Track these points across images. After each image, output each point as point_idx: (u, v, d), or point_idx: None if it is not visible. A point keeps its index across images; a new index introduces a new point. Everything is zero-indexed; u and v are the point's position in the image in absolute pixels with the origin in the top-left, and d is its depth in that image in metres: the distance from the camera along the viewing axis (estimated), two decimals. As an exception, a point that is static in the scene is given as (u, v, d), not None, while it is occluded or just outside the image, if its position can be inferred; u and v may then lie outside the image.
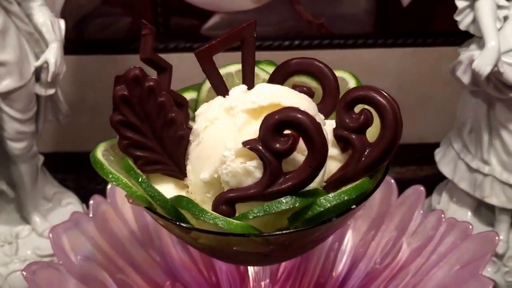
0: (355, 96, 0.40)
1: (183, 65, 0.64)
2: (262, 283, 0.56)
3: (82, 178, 0.91)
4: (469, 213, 0.75)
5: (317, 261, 0.68)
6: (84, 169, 0.94)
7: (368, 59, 0.94)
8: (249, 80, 0.43)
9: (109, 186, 0.68)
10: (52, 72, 0.64)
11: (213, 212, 0.35)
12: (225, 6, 0.88)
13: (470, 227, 0.60)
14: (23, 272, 0.56)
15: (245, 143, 0.36)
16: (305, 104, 0.38)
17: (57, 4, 0.86)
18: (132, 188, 0.37)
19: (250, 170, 0.36)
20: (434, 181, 0.85)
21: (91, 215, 0.64)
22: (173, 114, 0.38)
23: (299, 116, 0.35)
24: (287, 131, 0.35)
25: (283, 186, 0.35)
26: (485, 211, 0.74)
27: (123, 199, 0.67)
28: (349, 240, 0.68)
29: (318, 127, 0.35)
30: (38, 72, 0.65)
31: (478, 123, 0.68)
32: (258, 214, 0.35)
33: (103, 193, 0.66)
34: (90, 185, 0.91)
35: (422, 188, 0.65)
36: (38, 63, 0.64)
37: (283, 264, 0.69)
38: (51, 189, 0.77)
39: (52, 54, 0.64)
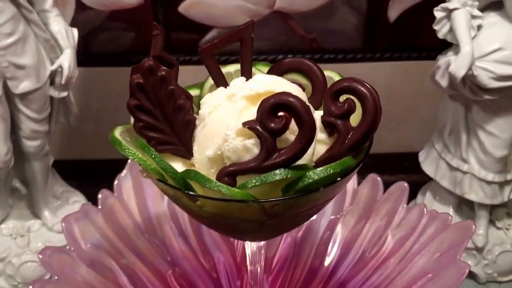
0: (340, 87, 0.45)
1: (183, 76, 0.69)
2: (258, 267, 0.61)
3: (85, 185, 0.93)
4: (451, 210, 0.80)
5: (309, 252, 0.73)
6: (87, 176, 0.98)
7: (357, 72, 0.96)
8: (247, 75, 0.49)
9: (116, 182, 0.73)
10: (65, 75, 0.69)
11: (217, 181, 0.41)
12: (222, 22, 0.92)
13: (449, 217, 0.65)
14: (39, 255, 0.61)
15: (244, 123, 0.41)
16: (296, 91, 0.44)
17: (65, 19, 0.92)
18: (146, 161, 0.42)
19: (249, 146, 0.42)
20: (420, 186, 0.89)
21: (99, 207, 0.69)
22: (181, 101, 0.44)
23: (291, 99, 0.41)
24: (280, 113, 0.41)
25: (278, 160, 0.41)
26: (466, 208, 0.79)
27: (129, 194, 0.72)
28: (339, 232, 0.73)
29: (307, 108, 0.41)
30: (52, 75, 0.71)
31: (457, 125, 0.74)
32: (255, 184, 0.41)
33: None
34: (94, 190, 0.96)
35: (405, 184, 0.70)
36: (54, 67, 0.69)
37: (277, 255, 0.73)
38: (60, 188, 0.81)
39: (66, 59, 0.69)
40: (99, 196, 0.69)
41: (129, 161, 0.73)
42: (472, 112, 0.71)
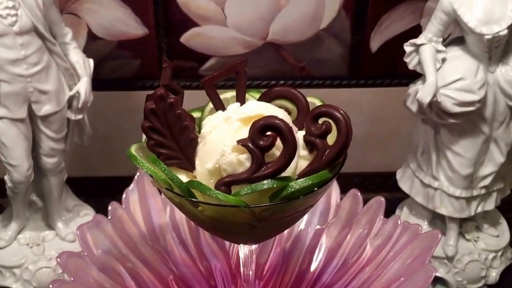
0: (319, 111, 0.53)
1: (184, 99, 0.76)
2: (250, 270, 0.68)
3: (91, 201, 0.96)
4: (425, 223, 0.87)
5: (296, 260, 0.79)
6: (94, 192, 1.05)
7: (344, 97, 1.04)
8: (241, 101, 0.57)
9: (124, 195, 0.80)
10: (82, 100, 0.78)
11: (215, 190, 0.49)
12: (220, 51, 0.99)
13: (420, 228, 0.73)
14: (57, 258, 0.68)
15: (239, 141, 0.50)
16: (282, 115, 0.52)
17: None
18: (157, 173, 0.51)
19: (242, 160, 0.50)
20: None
21: (109, 218, 0.76)
22: (186, 122, 0.52)
23: (277, 121, 0.49)
24: (268, 133, 0.49)
25: (265, 172, 0.49)
26: (439, 222, 0.87)
27: (135, 206, 0.80)
28: (324, 242, 0.79)
29: (290, 129, 0.49)
30: (70, 100, 0.79)
31: (428, 146, 0.82)
32: (247, 192, 0.49)
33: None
34: (100, 205, 1.01)
35: (382, 199, 0.77)
36: (72, 92, 0.78)
37: (268, 262, 0.80)
38: (72, 202, 0.89)
39: (83, 86, 0.78)
40: (109, 207, 0.76)
41: (135, 177, 0.80)
42: (440, 134, 0.79)
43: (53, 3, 0.75)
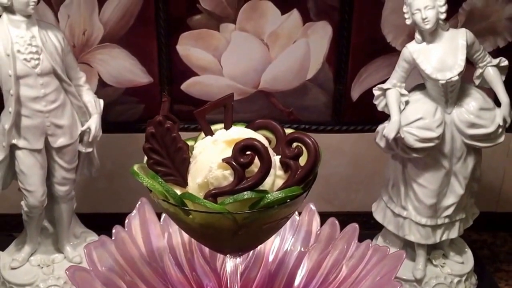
0: (292, 137, 0.64)
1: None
2: (235, 284, 0.76)
3: (98, 233, 1.01)
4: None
5: (281, 280, 0.87)
6: (101, 228, 1.12)
7: (328, 141, 1.12)
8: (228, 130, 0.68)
9: (126, 220, 0.89)
10: (92, 135, 0.88)
11: (204, 199, 0.59)
12: (217, 97, 1.02)
13: (388, 249, 0.81)
14: (66, 271, 0.77)
15: (223, 159, 0.60)
16: (260, 138, 0.62)
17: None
18: (155, 186, 0.60)
19: (226, 175, 0.60)
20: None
21: (113, 239, 0.85)
22: (180, 144, 0.62)
23: (255, 142, 0.59)
24: (248, 152, 0.59)
25: (246, 185, 0.59)
26: (409, 249, 0.95)
27: (137, 230, 0.88)
28: (305, 264, 0.86)
29: (266, 149, 0.59)
30: (82, 134, 0.89)
31: (397, 179, 0.91)
32: (230, 201, 0.58)
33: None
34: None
35: (356, 225, 0.86)
36: (84, 128, 0.88)
37: (255, 282, 0.88)
38: (79, 229, 0.98)
39: (93, 122, 0.88)
40: (113, 230, 0.85)
41: (137, 205, 0.90)
42: (407, 168, 0.89)
43: (70, 50, 0.86)
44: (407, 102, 0.86)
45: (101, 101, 0.91)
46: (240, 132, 0.62)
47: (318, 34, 1.07)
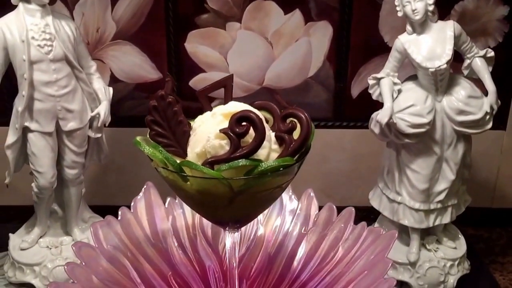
0: (286, 113, 0.68)
1: None
2: (233, 262, 0.80)
3: None
4: (394, 238, 0.99)
5: (280, 262, 0.90)
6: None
7: (329, 137, 1.17)
8: (227, 108, 0.72)
9: (132, 203, 0.93)
10: (101, 120, 0.93)
11: (202, 166, 0.63)
12: (223, 94, 1.13)
13: (382, 230, 0.85)
14: (72, 247, 0.81)
15: (220, 130, 0.64)
16: (255, 111, 0.67)
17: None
18: (156, 154, 0.65)
19: (223, 145, 0.63)
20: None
21: (119, 219, 0.89)
22: (181, 118, 0.67)
23: (251, 114, 0.63)
24: (244, 123, 0.64)
25: (241, 153, 0.63)
26: (404, 235, 0.99)
27: (142, 212, 0.92)
28: (303, 246, 0.90)
29: (261, 120, 0.63)
30: (91, 120, 0.94)
31: (392, 166, 0.95)
32: (226, 168, 0.62)
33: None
34: None
35: (352, 209, 0.90)
36: (93, 113, 0.93)
37: (255, 265, 0.91)
38: (87, 214, 1.02)
39: (103, 109, 0.93)
40: (119, 211, 0.90)
41: (143, 188, 0.94)
42: (401, 155, 0.93)
43: (82, 40, 0.92)
44: (399, 91, 0.90)
45: (111, 89, 0.96)
46: (238, 106, 0.66)
47: (319, 33, 1.12)
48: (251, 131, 0.64)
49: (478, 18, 1.09)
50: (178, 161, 0.65)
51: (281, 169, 0.64)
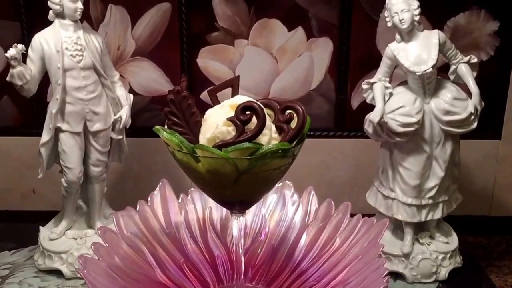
0: (285, 106, 0.77)
1: None
2: (240, 251, 0.88)
3: None
4: (389, 233, 1.07)
5: (282, 252, 0.98)
6: None
7: (331, 146, 1.24)
8: (234, 104, 0.82)
9: (149, 198, 1.03)
10: (123, 123, 1.03)
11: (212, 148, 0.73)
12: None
13: (374, 220, 0.93)
14: (97, 230, 0.90)
15: (228, 118, 0.73)
16: (257, 102, 0.76)
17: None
18: (172, 138, 0.74)
19: (230, 131, 0.73)
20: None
21: (137, 210, 0.98)
22: (194, 109, 0.77)
23: (254, 104, 0.73)
24: (248, 112, 0.73)
25: (245, 137, 0.73)
26: (399, 231, 1.06)
27: (158, 206, 1.01)
28: (304, 238, 0.98)
29: (262, 109, 0.73)
30: (114, 123, 1.05)
31: (386, 165, 1.03)
32: (232, 150, 0.72)
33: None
34: None
35: (349, 203, 0.98)
36: (116, 117, 1.03)
37: (259, 255, 0.99)
38: (108, 211, 1.12)
39: (124, 113, 1.03)
40: (138, 204, 0.99)
41: (158, 186, 1.03)
42: (394, 154, 1.01)
43: (107, 53, 1.03)
44: (391, 94, 0.99)
45: (131, 95, 1.06)
46: (243, 98, 0.77)
47: (320, 48, 1.21)
48: (254, 119, 0.74)
49: (470, 33, 1.17)
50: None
51: (280, 151, 0.74)
